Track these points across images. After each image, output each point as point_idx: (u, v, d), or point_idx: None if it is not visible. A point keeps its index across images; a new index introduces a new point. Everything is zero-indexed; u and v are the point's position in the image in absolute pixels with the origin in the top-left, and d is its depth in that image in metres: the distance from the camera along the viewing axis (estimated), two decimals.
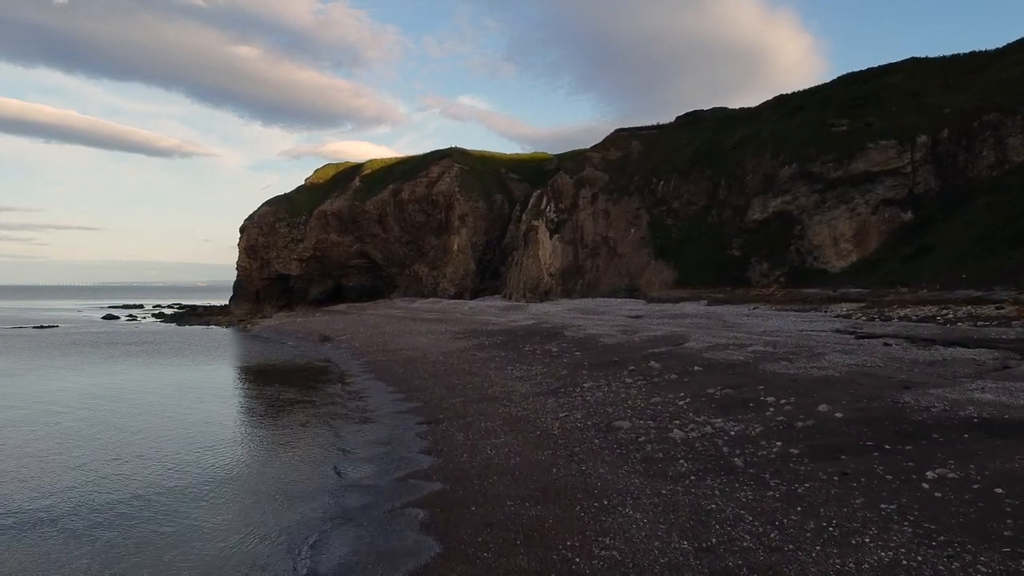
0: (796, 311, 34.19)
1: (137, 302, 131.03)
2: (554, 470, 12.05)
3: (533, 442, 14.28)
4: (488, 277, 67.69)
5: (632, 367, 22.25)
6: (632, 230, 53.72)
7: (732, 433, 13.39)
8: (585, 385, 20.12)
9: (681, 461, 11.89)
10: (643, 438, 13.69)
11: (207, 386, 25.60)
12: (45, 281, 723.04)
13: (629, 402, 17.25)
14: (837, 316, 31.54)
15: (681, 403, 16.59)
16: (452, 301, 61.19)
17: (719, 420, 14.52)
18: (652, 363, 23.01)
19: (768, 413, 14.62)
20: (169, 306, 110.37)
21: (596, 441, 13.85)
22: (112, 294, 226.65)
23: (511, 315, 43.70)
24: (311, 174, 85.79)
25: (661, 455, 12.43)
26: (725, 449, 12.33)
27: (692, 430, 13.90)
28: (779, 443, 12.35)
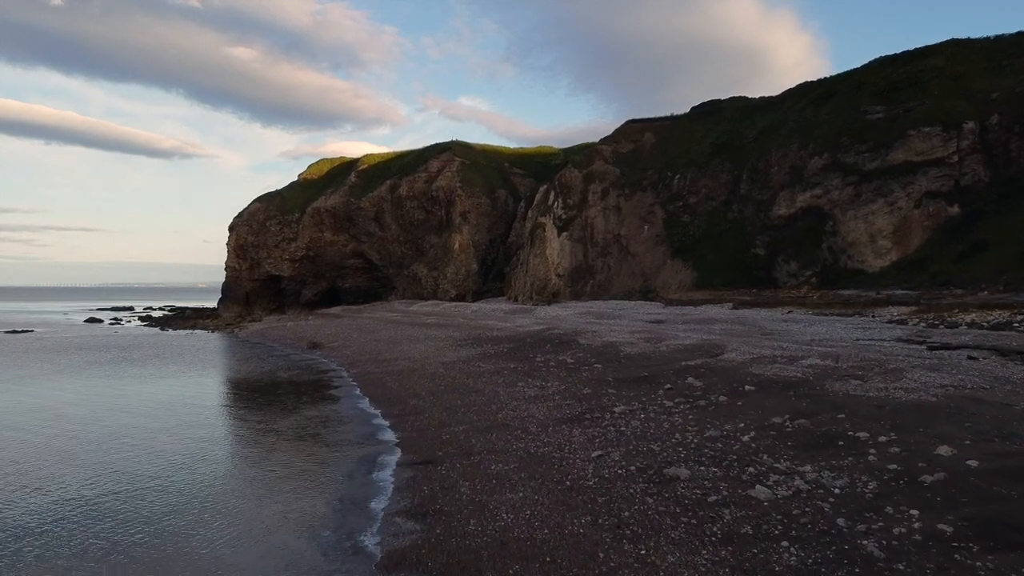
0: (838, 316, 30.64)
1: (128, 304, 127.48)
2: (601, 554, 8.46)
3: (563, 499, 10.69)
4: (492, 278, 63.89)
5: (669, 385, 18.73)
6: (646, 227, 50.12)
7: (836, 491, 9.80)
8: (616, 410, 16.54)
9: (784, 543, 8.29)
10: (714, 496, 10.09)
11: (154, 408, 21.19)
12: (47, 282, 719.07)
13: (677, 436, 13.67)
14: (890, 322, 27.97)
15: (745, 438, 13.03)
16: (453, 304, 57.52)
17: (808, 468, 10.94)
18: (690, 379, 19.51)
19: (871, 459, 11.06)
20: (160, 308, 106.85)
21: (649, 500, 10.25)
22: (111, 296, 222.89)
23: (517, 319, 40.13)
24: (304, 169, 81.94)
25: (749, 529, 8.83)
26: (840, 522, 8.72)
27: (778, 485, 10.30)
28: (914, 512, 8.77)
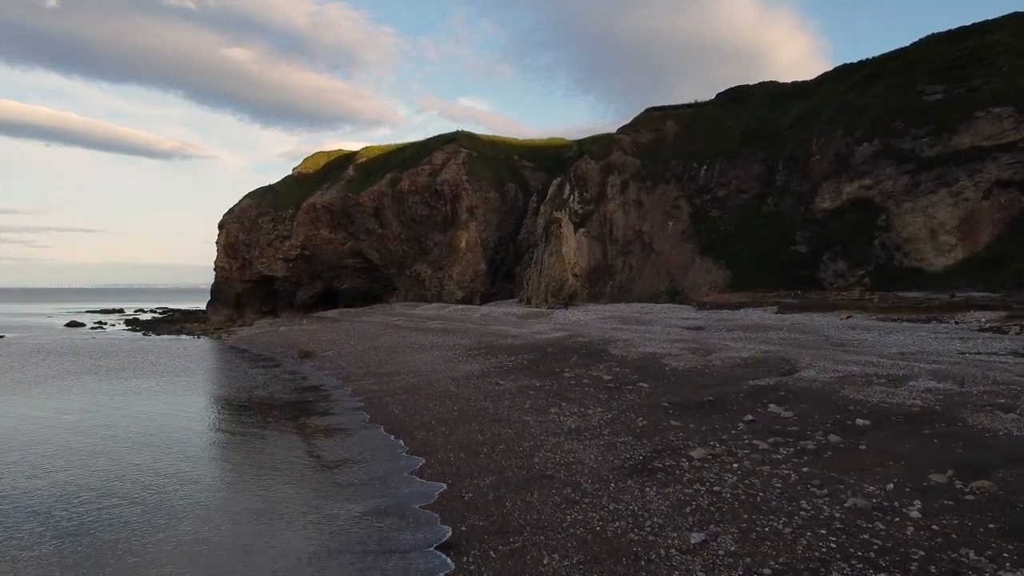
0: (911, 322, 26.45)
1: (120, 306, 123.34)
2: None
3: None
4: (501, 279, 59.58)
5: (749, 416, 14.60)
6: (670, 223, 45.92)
7: None
8: (693, 454, 12.36)
9: None
10: None
11: (90, 454, 15.56)
12: (47, 284, 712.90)
13: (804, 505, 9.52)
14: (980, 330, 23.78)
15: (914, 513, 9.13)
16: (460, 307, 53.25)
17: None
18: (772, 407, 15.45)
19: None
20: (152, 310, 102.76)
21: None
22: (110, 297, 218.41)
23: (533, 325, 35.95)
24: (299, 163, 77.48)
25: None
26: None
27: None
28: None
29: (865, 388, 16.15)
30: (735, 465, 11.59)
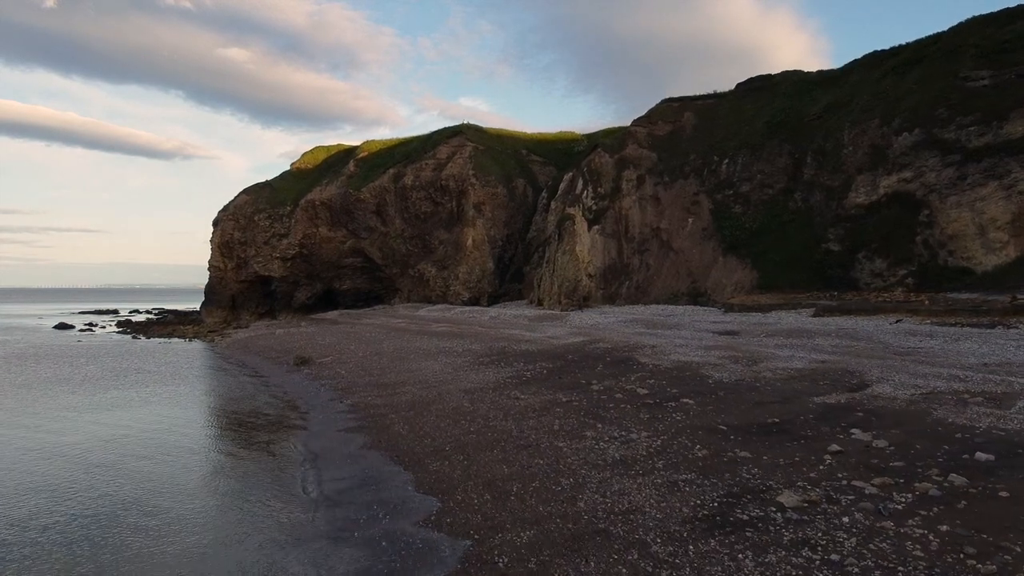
0: (972, 326, 23.81)
1: (115, 307, 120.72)
2: None
3: None
4: (510, 279, 56.85)
5: (834, 446, 12.11)
6: (690, 220, 43.30)
7: None
8: (782, 501, 9.74)
9: None
10: None
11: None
12: (48, 284, 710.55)
13: None
14: None
15: None
16: (467, 308, 50.62)
17: None
18: (856, 433, 13.01)
19: None
20: (148, 311, 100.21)
21: None
22: (110, 297, 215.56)
23: (548, 328, 33.35)
24: (298, 158, 74.68)
25: None
26: None
27: None
28: None
29: (963, 410, 13.57)
30: (845, 519, 8.96)
